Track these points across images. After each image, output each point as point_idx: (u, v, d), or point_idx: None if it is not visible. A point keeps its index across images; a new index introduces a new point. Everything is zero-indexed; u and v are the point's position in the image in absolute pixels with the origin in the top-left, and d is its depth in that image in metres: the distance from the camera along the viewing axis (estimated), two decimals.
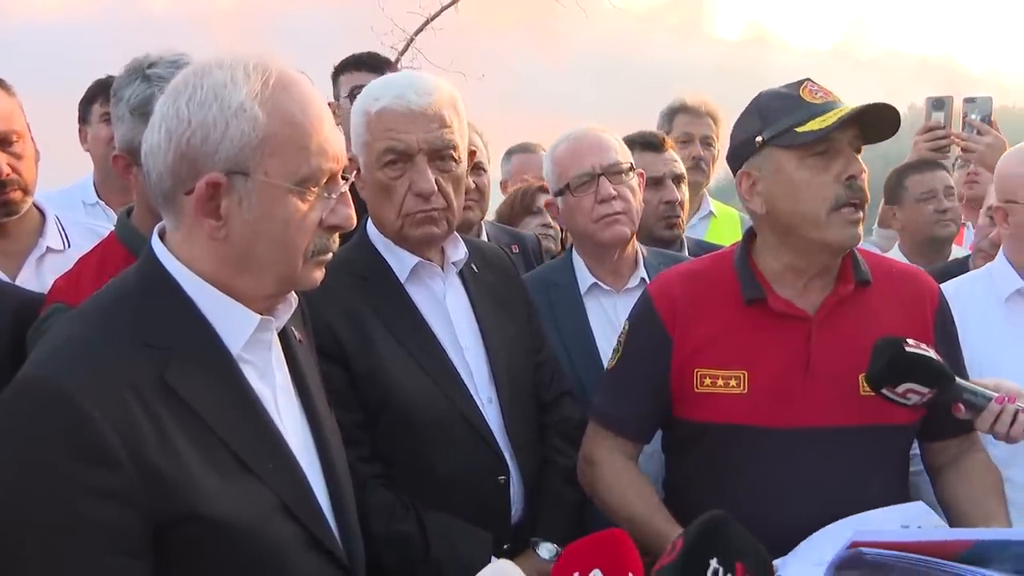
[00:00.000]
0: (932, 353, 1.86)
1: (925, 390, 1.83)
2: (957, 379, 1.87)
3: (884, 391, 1.85)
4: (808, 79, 1.96)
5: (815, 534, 1.80)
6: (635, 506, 2.03)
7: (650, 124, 3.65)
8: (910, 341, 1.84)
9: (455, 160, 2.07)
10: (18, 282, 2.31)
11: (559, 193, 2.61)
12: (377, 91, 2.05)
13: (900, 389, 1.83)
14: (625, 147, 2.64)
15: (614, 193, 2.50)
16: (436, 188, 2.03)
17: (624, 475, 2.09)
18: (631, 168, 2.59)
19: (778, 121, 1.93)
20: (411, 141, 2.00)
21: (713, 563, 1.44)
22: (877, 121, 1.91)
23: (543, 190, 3.82)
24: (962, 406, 1.87)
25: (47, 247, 2.40)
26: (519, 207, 3.77)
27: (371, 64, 3.57)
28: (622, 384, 2.12)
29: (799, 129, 1.89)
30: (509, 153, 4.69)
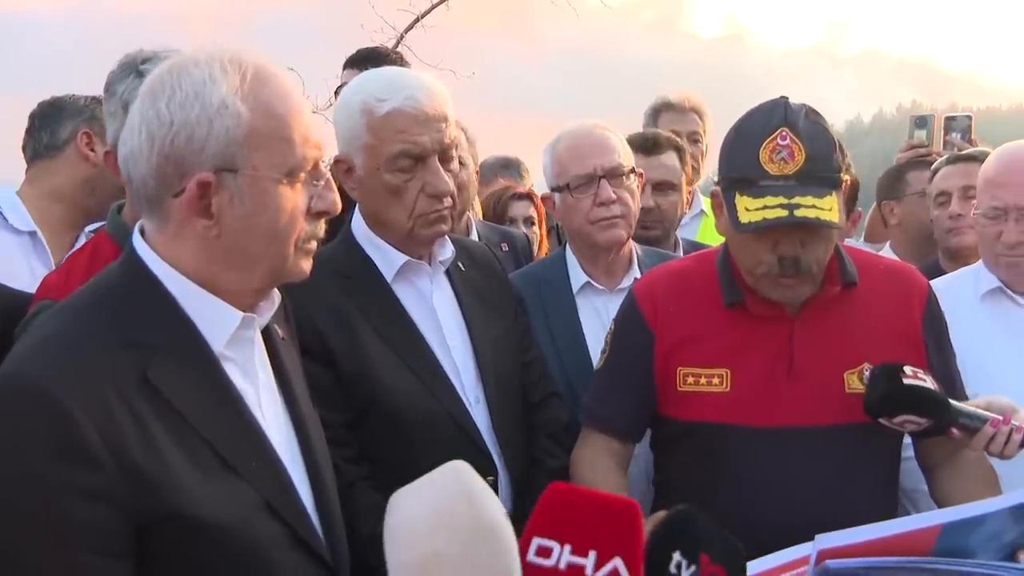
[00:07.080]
0: (929, 382, 1.86)
1: (922, 420, 1.85)
2: (953, 404, 1.87)
3: (881, 420, 1.87)
4: (784, 127, 1.84)
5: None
6: None
7: (630, 119, 3.63)
8: (907, 370, 1.85)
9: (455, 157, 2.07)
10: None
11: (557, 190, 2.57)
12: (379, 91, 2.01)
13: (897, 420, 1.86)
14: (628, 148, 2.59)
15: (613, 197, 2.46)
16: (452, 188, 2.02)
17: (603, 483, 2.01)
18: (632, 171, 2.54)
19: (735, 170, 1.90)
20: (425, 143, 1.99)
21: (676, 556, 1.44)
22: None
23: (517, 197, 3.80)
24: (956, 430, 1.87)
25: None
26: (491, 215, 3.72)
27: (378, 60, 3.51)
28: (609, 382, 2.13)
29: (736, 204, 1.86)
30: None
